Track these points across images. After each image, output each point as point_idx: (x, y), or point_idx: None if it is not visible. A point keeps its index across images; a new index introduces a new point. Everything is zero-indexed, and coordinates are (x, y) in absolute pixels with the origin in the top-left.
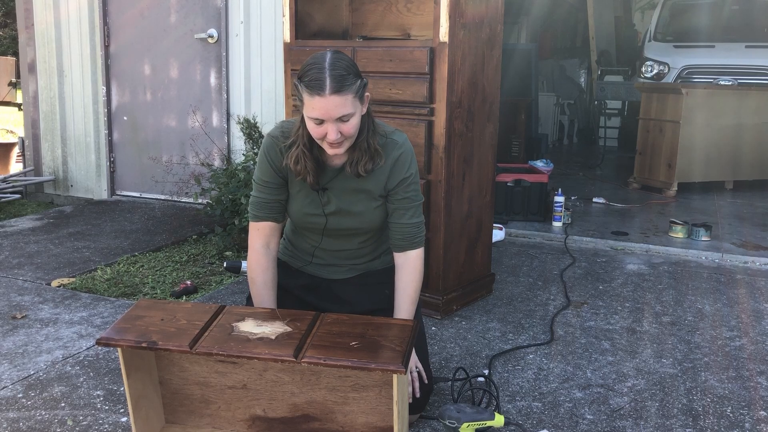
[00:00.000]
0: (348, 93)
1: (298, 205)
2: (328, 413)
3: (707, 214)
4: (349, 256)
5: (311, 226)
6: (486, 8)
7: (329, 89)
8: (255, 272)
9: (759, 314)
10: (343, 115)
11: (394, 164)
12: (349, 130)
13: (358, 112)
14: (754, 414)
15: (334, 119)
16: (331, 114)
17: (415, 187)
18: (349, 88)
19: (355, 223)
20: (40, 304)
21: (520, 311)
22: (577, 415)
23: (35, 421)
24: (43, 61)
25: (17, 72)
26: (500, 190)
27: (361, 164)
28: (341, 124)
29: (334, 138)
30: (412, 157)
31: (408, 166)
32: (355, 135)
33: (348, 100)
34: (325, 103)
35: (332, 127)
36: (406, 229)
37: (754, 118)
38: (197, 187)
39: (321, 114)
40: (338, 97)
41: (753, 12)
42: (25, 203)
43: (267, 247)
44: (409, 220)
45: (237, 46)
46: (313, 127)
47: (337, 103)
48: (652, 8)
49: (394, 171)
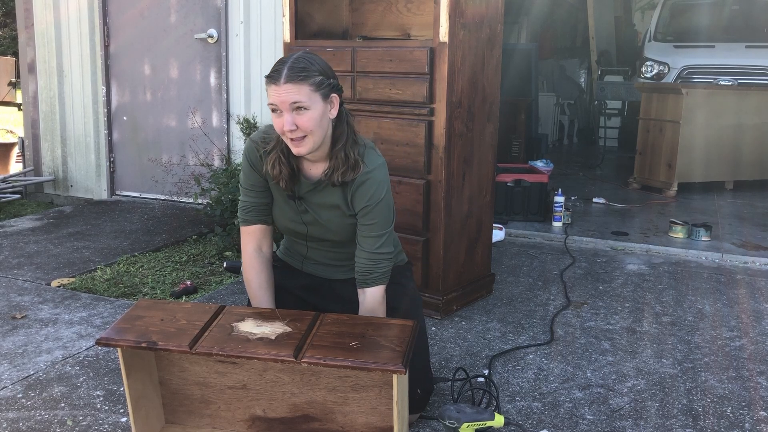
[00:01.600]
0: (303, 84)
1: (279, 212)
2: (328, 413)
3: (707, 214)
4: (340, 258)
5: (294, 233)
6: (486, 8)
7: (284, 78)
8: (249, 275)
9: (759, 314)
10: (297, 104)
11: (358, 188)
12: (304, 123)
13: (316, 107)
14: (754, 414)
15: (288, 107)
16: (284, 100)
17: (374, 218)
18: (304, 79)
19: (334, 236)
20: (40, 304)
21: (520, 311)
22: (577, 416)
23: (35, 421)
24: (43, 61)
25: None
26: (500, 190)
27: (337, 173)
28: (297, 116)
29: (288, 128)
30: (378, 184)
31: (372, 193)
32: (315, 132)
33: (302, 90)
34: (279, 90)
35: (287, 117)
36: (362, 260)
37: (754, 118)
38: (197, 187)
39: (274, 100)
40: (291, 85)
41: (753, 12)
42: (24, 203)
43: (259, 251)
44: (367, 249)
45: (237, 46)
46: (274, 119)
47: (289, 90)
48: (652, 8)
49: (356, 195)
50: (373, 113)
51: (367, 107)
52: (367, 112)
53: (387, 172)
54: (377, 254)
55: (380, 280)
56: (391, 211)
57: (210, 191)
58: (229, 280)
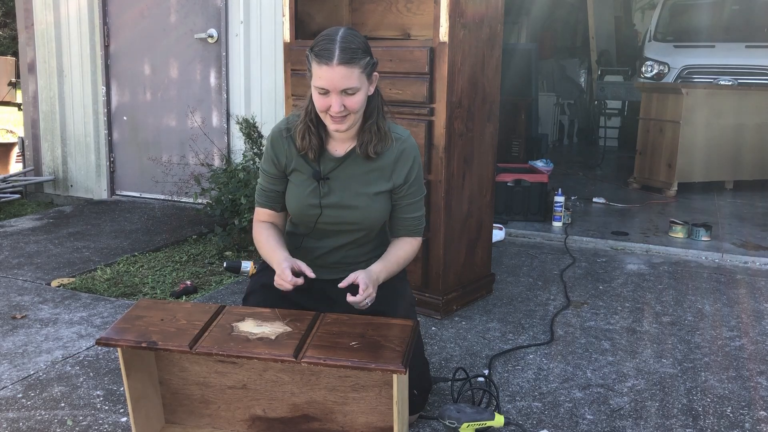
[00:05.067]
0: (355, 66)
1: (296, 194)
2: (328, 413)
3: (707, 214)
4: (336, 260)
5: (304, 218)
6: (486, 8)
7: (337, 59)
8: (258, 233)
9: (759, 314)
10: (348, 88)
11: (397, 158)
12: (353, 104)
13: (363, 88)
14: (754, 414)
15: (338, 90)
16: (336, 85)
17: (418, 184)
18: (357, 62)
19: (354, 217)
20: (40, 304)
21: (520, 311)
22: (577, 415)
23: (35, 421)
24: (43, 61)
25: (17, 72)
26: (500, 190)
27: (371, 146)
28: (345, 98)
29: (337, 110)
30: (416, 152)
31: (411, 162)
32: (359, 112)
33: (354, 73)
34: (332, 73)
35: (336, 99)
36: (408, 222)
37: (754, 118)
38: (197, 187)
39: (326, 83)
40: (345, 68)
41: (753, 12)
42: (24, 203)
43: (269, 223)
44: (412, 213)
45: (237, 46)
46: (318, 97)
47: (343, 74)
48: (652, 8)
49: (397, 167)
50: None
51: None
52: None
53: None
54: (419, 216)
55: (421, 233)
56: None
57: (210, 191)
58: (229, 280)
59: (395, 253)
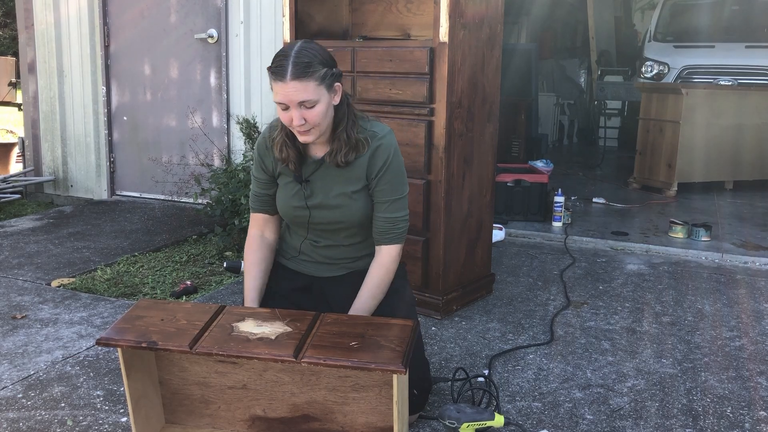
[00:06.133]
0: (309, 80)
1: (283, 197)
2: (328, 413)
3: (707, 214)
4: (335, 254)
5: (297, 219)
6: (486, 8)
7: (290, 75)
8: (246, 252)
9: (759, 314)
10: (305, 101)
11: (372, 156)
12: (312, 117)
13: (323, 100)
14: (754, 414)
15: (295, 104)
16: (292, 98)
17: (391, 180)
18: (311, 75)
19: (337, 216)
20: (40, 304)
21: (520, 311)
22: (577, 415)
23: (35, 421)
24: (43, 61)
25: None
26: (500, 190)
27: (340, 155)
28: (305, 111)
29: (298, 123)
30: (392, 149)
31: (386, 158)
32: (321, 123)
33: (309, 86)
34: (286, 88)
35: (296, 113)
36: (380, 223)
37: (754, 118)
38: (197, 187)
39: (282, 98)
40: (298, 83)
41: (753, 12)
42: (25, 203)
43: (261, 235)
44: (384, 213)
45: (237, 46)
46: (281, 112)
47: (297, 88)
48: (652, 8)
49: (371, 162)
50: (373, 113)
51: (367, 107)
52: (367, 113)
53: (395, 139)
54: (394, 218)
55: (397, 240)
56: (404, 176)
57: (210, 191)
58: (229, 280)
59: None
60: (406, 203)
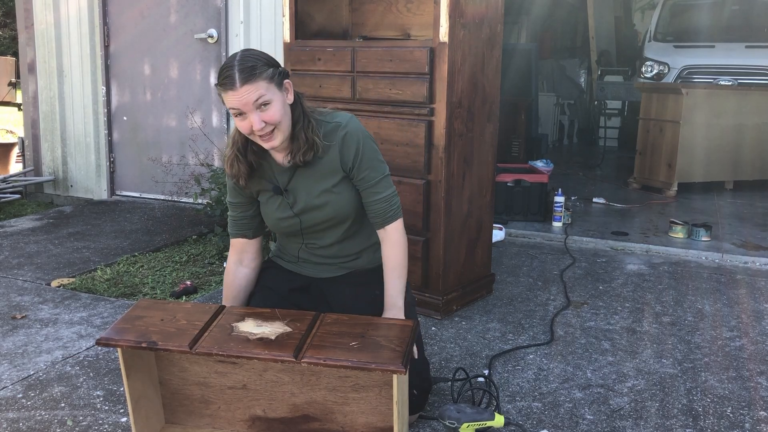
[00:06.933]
0: (259, 80)
1: (269, 213)
2: (328, 413)
3: (707, 214)
4: (334, 252)
5: (288, 230)
6: (486, 8)
7: (239, 81)
8: (225, 284)
9: (759, 314)
10: (259, 100)
11: (341, 146)
12: (271, 117)
13: (277, 98)
14: (755, 414)
15: (252, 107)
16: (246, 101)
17: (370, 163)
18: (258, 75)
19: (327, 213)
20: (40, 304)
21: (520, 311)
22: (577, 416)
23: (35, 421)
24: (43, 61)
25: (17, 72)
26: (500, 190)
27: (299, 154)
28: (263, 113)
29: (259, 127)
30: (360, 133)
31: (356, 145)
32: (281, 122)
33: (260, 86)
34: (238, 94)
35: (254, 117)
36: (375, 206)
37: (754, 118)
38: (197, 187)
39: (237, 104)
40: (249, 86)
41: (753, 12)
42: (24, 203)
43: (238, 263)
44: (375, 197)
45: (237, 46)
46: (239, 123)
47: (249, 90)
48: (652, 8)
49: (343, 152)
50: (373, 113)
51: (367, 107)
52: (367, 113)
53: (359, 123)
54: (386, 197)
55: (397, 215)
56: (380, 155)
57: (210, 191)
58: None
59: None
60: (390, 180)
